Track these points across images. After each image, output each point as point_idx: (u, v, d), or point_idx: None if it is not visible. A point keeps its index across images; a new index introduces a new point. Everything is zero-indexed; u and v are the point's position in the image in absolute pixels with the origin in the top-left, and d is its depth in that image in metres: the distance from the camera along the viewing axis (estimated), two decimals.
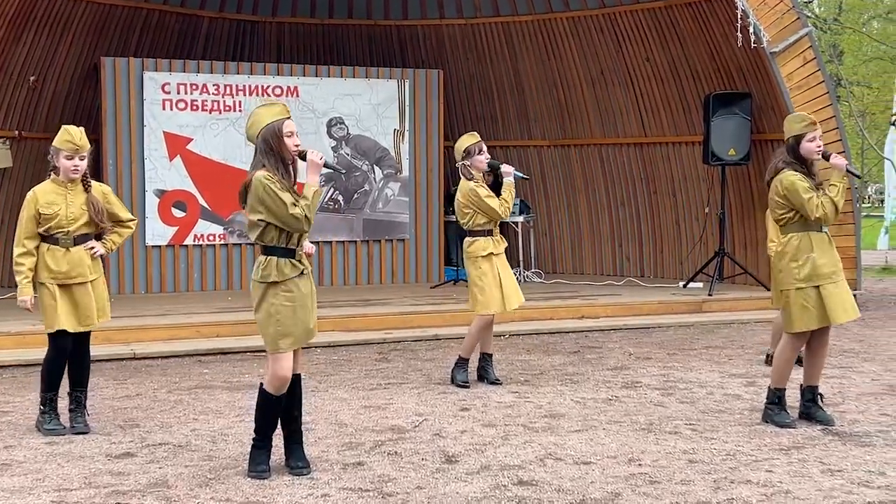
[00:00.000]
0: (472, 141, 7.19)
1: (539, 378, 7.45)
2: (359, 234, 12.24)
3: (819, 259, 5.79)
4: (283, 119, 4.88)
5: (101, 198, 5.92)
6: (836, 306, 5.77)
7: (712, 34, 11.54)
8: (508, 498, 4.60)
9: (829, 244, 5.87)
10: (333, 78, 12.11)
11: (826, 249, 5.83)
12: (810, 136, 5.85)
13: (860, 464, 5.11)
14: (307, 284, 4.95)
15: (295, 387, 5.07)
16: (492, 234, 7.14)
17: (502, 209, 7.06)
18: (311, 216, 4.81)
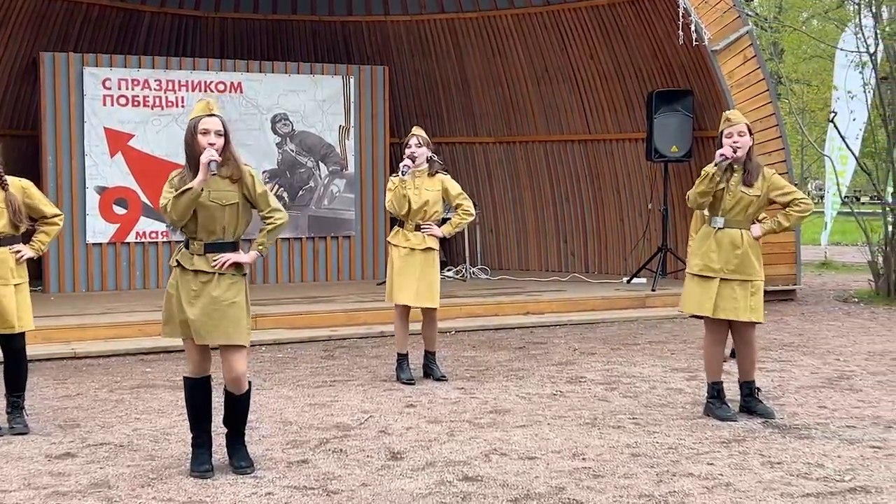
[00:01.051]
0: None
1: (484, 374, 7.48)
2: (304, 231, 12.17)
3: (712, 253, 5.93)
4: (202, 116, 4.86)
5: (21, 193, 5.78)
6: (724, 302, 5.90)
7: (655, 32, 11.66)
8: (453, 493, 4.61)
9: (729, 244, 5.92)
10: (277, 74, 12.03)
11: (723, 247, 5.92)
12: (727, 132, 5.94)
13: (799, 456, 5.20)
14: (188, 281, 4.87)
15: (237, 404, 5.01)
16: (402, 227, 7.17)
17: (389, 204, 7.17)
18: (171, 210, 4.82)
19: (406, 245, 7.12)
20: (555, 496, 4.57)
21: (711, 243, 5.96)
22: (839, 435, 5.61)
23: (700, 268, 5.98)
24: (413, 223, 7.14)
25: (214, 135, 4.84)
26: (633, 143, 12.48)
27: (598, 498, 4.53)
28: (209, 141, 4.83)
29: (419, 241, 7.13)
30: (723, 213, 5.97)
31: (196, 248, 4.89)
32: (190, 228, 4.92)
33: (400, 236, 7.18)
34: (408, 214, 7.13)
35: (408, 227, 7.15)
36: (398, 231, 7.22)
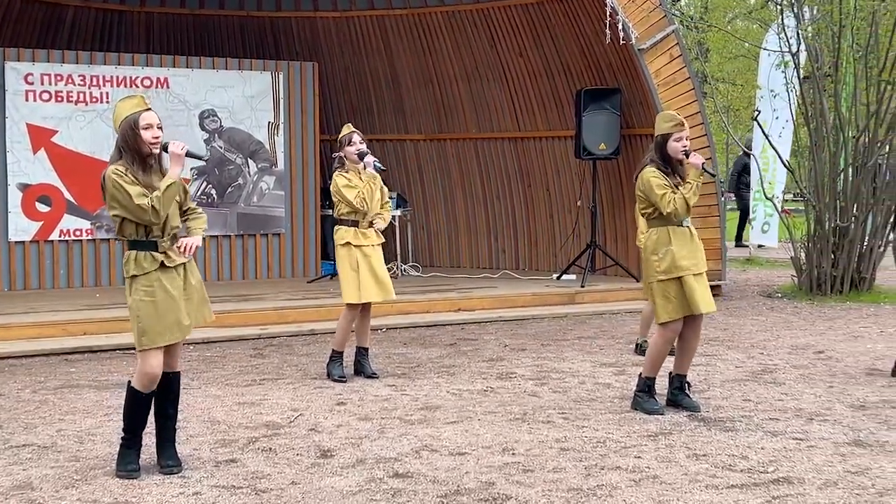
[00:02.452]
0: (343, 132, 7.21)
1: (416, 371, 7.48)
2: (233, 228, 12.04)
3: (678, 251, 5.97)
4: (140, 111, 4.79)
5: None
6: (698, 297, 5.95)
7: (583, 31, 11.76)
8: (384, 490, 4.60)
9: (689, 238, 6.04)
10: (205, 69, 11.88)
11: (686, 242, 6.01)
12: (677, 136, 6.00)
13: (724, 448, 5.29)
14: (174, 279, 4.85)
15: (172, 384, 5.00)
16: (356, 226, 7.13)
17: (358, 200, 7.05)
18: (159, 208, 4.73)
19: (367, 243, 7.13)
20: (484, 491, 4.59)
21: (679, 243, 6.00)
22: (763, 427, 5.73)
23: (683, 269, 5.95)
24: (367, 220, 7.15)
25: (157, 128, 4.81)
26: (562, 141, 12.58)
27: (528, 492, 4.57)
28: (153, 135, 4.79)
29: (375, 237, 7.19)
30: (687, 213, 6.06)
31: (166, 244, 4.83)
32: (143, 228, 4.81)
33: (358, 235, 7.13)
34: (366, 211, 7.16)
35: (363, 224, 7.14)
36: (354, 231, 7.13)
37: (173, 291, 4.83)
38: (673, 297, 5.97)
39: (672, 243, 5.97)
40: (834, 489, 4.59)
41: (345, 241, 7.13)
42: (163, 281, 4.80)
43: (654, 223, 6.06)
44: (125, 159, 4.80)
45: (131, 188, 4.71)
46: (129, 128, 4.79)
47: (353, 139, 7.12)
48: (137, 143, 4.79)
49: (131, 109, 4.81)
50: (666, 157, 6.04)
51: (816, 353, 8.18)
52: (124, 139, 4.81)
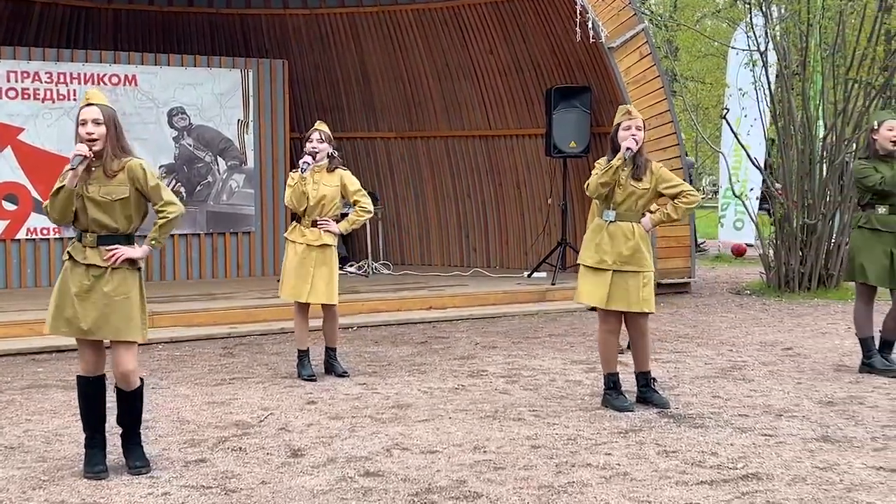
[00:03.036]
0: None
1: (387, 369, 7.46)
2: (202, 226, 11.97)
3: (604, 245, 6.06)
4: (81, 106, 4.74)
5: None
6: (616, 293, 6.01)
7: (553, 29, 11.78)
8: (354, 489, 4.59)
9: (622, 235, 6.04)
10: (174, 67, 11.80)
11: (616, 238, 6.04)
12: (625, 125, 6.05)
13: (694, 445, 5.32)
14: (80, 276, 4.75)
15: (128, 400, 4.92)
16: (300, 222, 7.11)
17: (287, 199, 7.10)
18: (50, 210, 4.73)
19: (302, 241, 7.06)
20: (456, 489, 4.58)
21: (604, 236, 6.08)
22: (732, 424, 5.76)
23: (595, 261, 6.07)
24: (310, 219, 7.07)
25: (92, 124, 4.69)
26: (532, 139, 12.60)
27: (499, 490, 4.57)
28: (87, 131, 4.69)
29: (315, 237, 7.07)
30: (614, 207, 6.09)
31: (89, 240, 4.76)
32: (81, 222, 4.78)
33: (297, 232, 7.11)
34: (305, 210, 7.06)
35: (304, 222, 7.09)
36: (295, 227, 7.15)
37: (72, 287, 4.75)
38: (589, 284, 6.11)
39: (601, 235, 6.09)
40: (803, 485, 4.62)
41: (288, 237, 7.18)
42: (69, 273, 4.79)
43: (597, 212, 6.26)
44: None
45: (58, 184, 4.71)
46: (75, 123, 4.78)
47: (312, 137, 7.12)
48: (77, 138, 4.76)
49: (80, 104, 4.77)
50: (616, 147, 6.10)
51: (785, 349, 8.24)
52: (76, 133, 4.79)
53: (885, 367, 7.10)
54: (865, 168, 7.03)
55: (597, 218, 6.21)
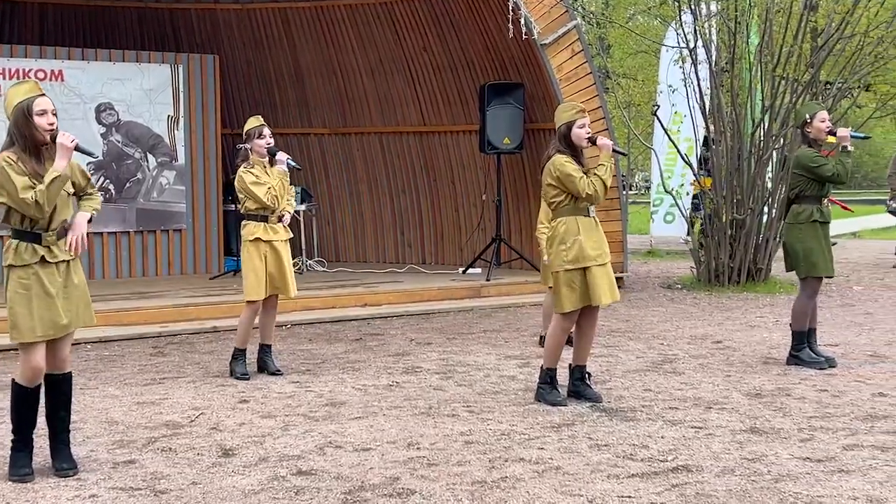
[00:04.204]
0: (253, 124, 7.10)
1: (320, 367, 7.42)
2: (132, 224, 11.78)
3: (585, 242, 6.02)
4: (34, 97, 4.61)
5: None
6: (600, 288, 6.03)
7: (486, 25, 11.80)
8: (286, 489, 4.55)
9: (595, 228, 6.12)
10: (101, 62, 11.59)
11: (592, 233, 6.08)
12: (580, 123, 6.10)
13: (625, 438, 5.37)
14: (53, 275, 4.67)
15: (61, 385, 4.84)
16: (266, 221, 7.05)
17: (269, 197, 6.96)
18: (43, 202, 4.56)
19: (276, 238, 7.05)
20: (389, 486, 4.57)
21: (599, 232, 6.12)
22: (663, 417, 5.83)
23: (602, 257, 6.06)
24: (276, 216, 7.08)
25: (51, 114, 4.64)
26: (466, 135, 12.61)
27: (432, 486, 4.56)
28: (48, 121, 4.62)
29: (284, 233, 7.12)
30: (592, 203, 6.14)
31: (51, 238, 4.66)
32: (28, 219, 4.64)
33: (267, 230, 7.04)
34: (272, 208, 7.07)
35: (272, 220, 7.06)
36: (263, 226, 7.04)
37: (51, 288, 4.65)
38: (577, 286, 6.03)
39: (580, 233, 6.03)
40: (731, 476, 4.69)
41: (254, 237, 7.01)
42: (41, 276, 4.64)
43: (562, 213, 6.10)
44: (17, 147, 4.63)
45: (18, 179, 4.53)
46: (21, 114, 4.61)
47: (265, 132, 7.02)
48: (31, 130, 4.61)
49: (24, 95, 4.63)
50: (572, 146, 6.11)
51: (715, 342, 8.36)
52: (17, 126, 4.62)
53: (812, 359, 7.24)
54: (817, 156, 7.08)
55: (562, 219, 6.09)
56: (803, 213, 7.18)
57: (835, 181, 7.07)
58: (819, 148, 7.16)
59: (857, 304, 10.46)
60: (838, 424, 5.62)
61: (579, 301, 6.05)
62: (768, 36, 11.81)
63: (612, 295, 6.12)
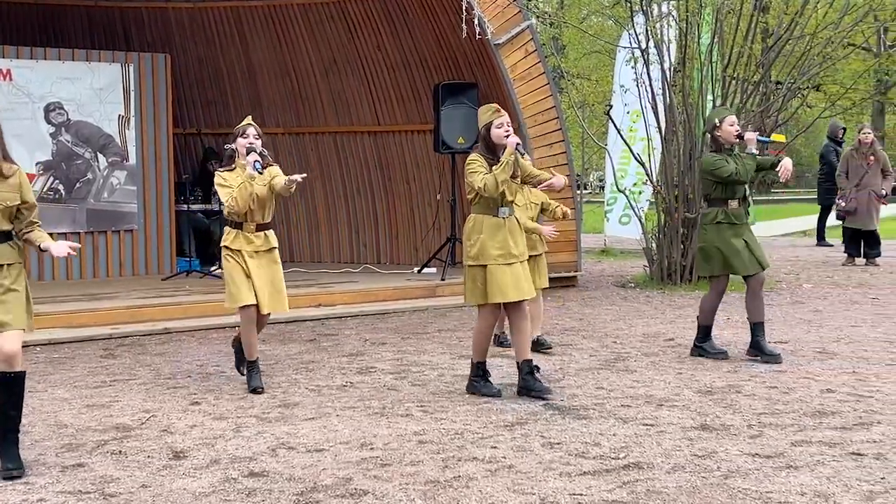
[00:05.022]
0: (242, 123, 6.69)
1: (274, 368, 7.38)
2: (82, 225, 11.63)
3: (487, 241, 6.20)
4: None
5: None
6: (496, 286, 6.15)
7: (440, 25, 11.81)
8: (238, 490, 4.52)
9: (502, 227, 6.23)
10: (51, 61, 11.43)
11: (499, 233, 6.22)
12: (497, 123, 6.24)
13: (578, 436, 5.40)
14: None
15: (12, 384, 4.78)
16: (241, 228, 6.59)
17: (232, 201, 6.48)
18: None
19: (249, 248, 6.55)
20: (341, 487, 4.56)
21: (505, 232, 6.22)
22: (615, 414, 5.87)
23: (506, 257, 6.19)
24: (254, 223, 6.58)
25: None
26: (421, 135, 12.61)
27: (385, 487, 4.56)
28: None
29: (262, 241, 6.62)
30: (505, 203, 6.26)
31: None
32: None
33: (240, 239, 6.56)
34: (249, 213, 6.56)
35: (248, 227, 6.56)
36: (236, 234, 6.57)
37: None
38: (479, 283, 6.22)
39: (483, 232, 6.22)
40: (682, 473, 4.74)
41: (224, 244, 6.61)
42: None
43: (474, 210, 6.31)
44: None
45: None
46: None
47: (248, 132, 6.54)
48: None
49: None
50: (491, 146, 6.26)
51: (667, 340, 8.43)
52: None
53: (716, 350, 7.58)
54: (718, 160, 7.37)
55: (471, 216, 6.30)
56: (709, 214, 7.49)
57: (734, 182, 7.34)
58: (729, 151, 7.44)
59: (806, 302, 10.60)
60: (787, 421, 5.69)
61: (478, 297, 6.24)
62: (719, 36, 11.93)
63: (517, 293, 6.19)
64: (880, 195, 14.03)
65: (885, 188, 14.15)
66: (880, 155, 14.25)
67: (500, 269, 6.16)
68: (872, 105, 31.79)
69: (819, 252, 16.45)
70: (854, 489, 4.48)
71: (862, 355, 7.63)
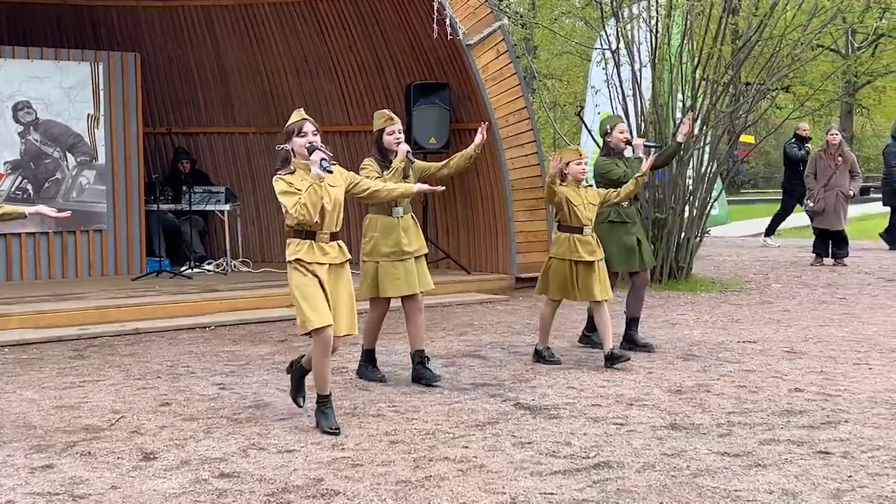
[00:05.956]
0: (293, 119, 5.75)
1: (245, 368, 7.36)
2: (51, 224, 11.50)
3: (380, 239, 6.70)
4: None
5: None
6: (386, 282, 6.67)
7: (412, 25, 11.80)
8: (208, 491, 4.51)
9: (396, 227, 6.69)
10: (18, 59, 11.31)
11: (392, 232, 6.68)
12: (389, 130, 6.71)
13: (549, 435, 5.42)
14: None
15: None
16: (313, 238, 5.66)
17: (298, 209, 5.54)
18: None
19: (325, 261, 5.60)
20: (313, 488, 4.55)
21: (399, 230, 6.70)
22: (585, 414, 5.90)
23: (398, 254, 6.68)
24: (327, 232, 5.65)
25: None
26: None
27: (356, 487, 4.56)
28: None
29: (336, 252, 5.68)
30: (399, 203, 6.71)
31: None
32: None
33: (313, 251, 5.59)
34: (322, 221, 5.64)
35: (322, 237, 5.61)
36: (309, 245, 5.59)
37: None
38: (370, 278, 6.72)
39: (377, 230, 6.72)
40: (651, 471, 4.77)
41: (295, 257, 5.60)
42: None
43: (371, 209, 6.83)
44: None
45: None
46: None
47: (305, 129, 5.63)
48: None
49: None
50: (383, 151, 6.72)
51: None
52: None
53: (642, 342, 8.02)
54: (608, 163, 7.96)
55: (381, 217, 6.73)
56: (602, 214, 7.90)
57: (623, 183, 7.69)
58: (620, 155, 8.02)
59: (775, 302, 10.68)
60: (756, 420, 5.74)
61: (372, 291, 6.72)
62: (689, 38, 12.01)
63: (408, 287, 6.65)
64: (848, 195, 14.16)
65: (853, 188, 14.29)
66: (848, 156, 14.39)
67: (391, 265, 6.65)
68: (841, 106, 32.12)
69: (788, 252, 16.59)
70: (821, 487, 4.53)
71: (830, 355, 7.71)
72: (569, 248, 7.31)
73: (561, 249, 7.37)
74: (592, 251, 7.33)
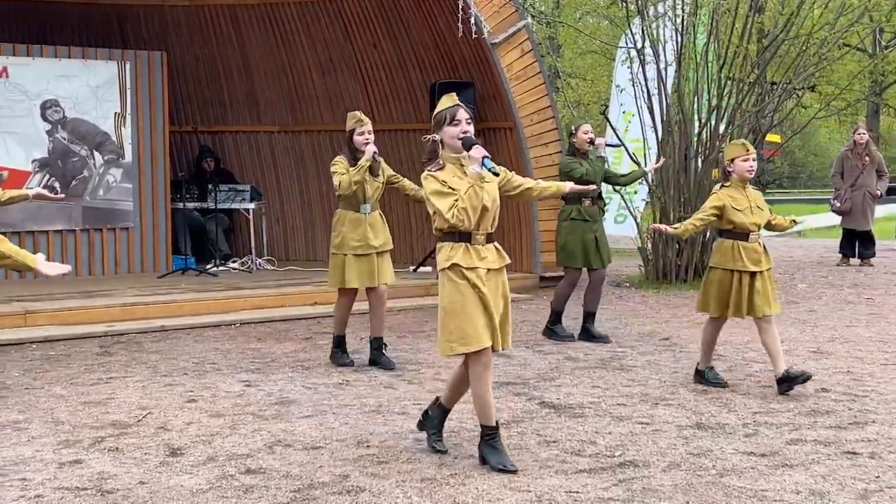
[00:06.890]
0: (445, 104, 5.08)
1: (270, 366, 7.39)
2: (78, 222, 11.61)
3: (348, 233, 7.17)
4: None
5: None
6: (351, 274, 7.13)
7: (436, 24, 11.81)
8: (235, 487, 4.53)
9: (363, 222, 7.18)
10: (46, 58, 11.41)
11: (359, 227, 7.17)
12: (359, 131, 7.10)
13: (574, 434, 5.41)
14: None
15: None
16: (468, 240, 4.93)
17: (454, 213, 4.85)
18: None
19: (482, 265, 4.88)
20: (338, 484, 4.57)
21: (366, 227, 7.18)
22: (610, 413, 5.89)
23: (364, 248, 7.14)
24: (484, 233, 4.94)
25: None
26: (417, 134, 12.60)
27: (382, 484, 4.57)
28: None
29: (494, 256, 4.96)
30: (367, 200, 7.18)
31: None
32: None
33: (471, 255, 4.87)
34: (480, 222, 4.93)
35: (478, 238, 4.90)
36: (464, 249, 4.87)
37: None
38: (338, 269, 7.19)
39: (346, 225, 7.19)
40: (677, 471, 4.76)
41: (451, 262, 4.87)
42: None
43: (340, 205, 7.27)
44: None
45: None
46: None
47: (459, 116, 4.92)
48: None
49: None
50: (352, 149, 7.12)
51: (662, 339, 8.45)
52: None
53: (565, 334, 8.40)
54: (572, 162, 8.30)
55: (349, 213, 7.18)
56: (564, 212, 8.35)
57: (586, 182, 7.81)
58: (584, 156, 8.33)
59: (801, 302, 10.62)
60: (782, 420, 5.71)
61: (339, 282, 7.20)
62: (715, 36, 11.96)
63: (370, 280, 7.16)
64: (875, 195, 14.06)
65: (880, 188, 14.19)
66: (875, 155, 14.29)
67: (357, 258, 7.13)
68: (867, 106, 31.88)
69: (813, 252, 16.49)
70: (849, 488, 4.50)
71: (857, 355, 7.66)
72: (732, 257, 6.47)
73: (723, 259, 6.52)
74: (757, 261, 6.48)
